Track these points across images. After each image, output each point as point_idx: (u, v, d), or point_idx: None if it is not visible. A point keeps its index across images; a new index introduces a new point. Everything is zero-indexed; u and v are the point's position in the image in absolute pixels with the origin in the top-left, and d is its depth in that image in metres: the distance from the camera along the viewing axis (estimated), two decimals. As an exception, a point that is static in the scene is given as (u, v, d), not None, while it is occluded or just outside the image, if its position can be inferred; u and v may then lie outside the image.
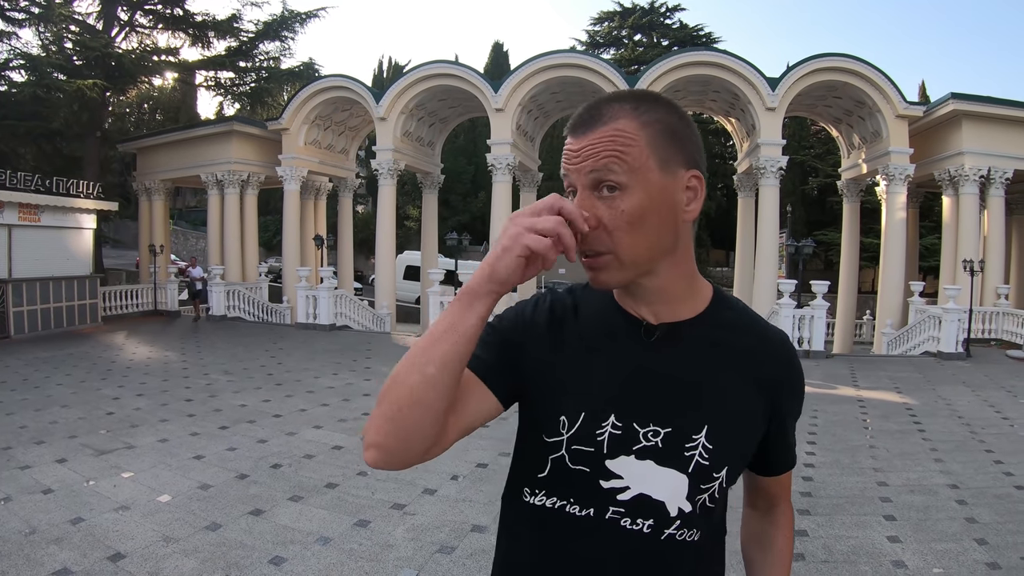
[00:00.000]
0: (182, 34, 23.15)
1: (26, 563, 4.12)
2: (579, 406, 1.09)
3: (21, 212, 14.89)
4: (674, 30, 40.63)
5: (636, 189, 1.00)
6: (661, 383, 1.09)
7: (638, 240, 1.02)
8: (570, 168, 1.04)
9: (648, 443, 1.07)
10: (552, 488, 1.12)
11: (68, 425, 7.59)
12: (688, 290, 1.13)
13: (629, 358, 1.11)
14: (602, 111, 1.03)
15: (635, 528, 1.09)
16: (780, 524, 1.33)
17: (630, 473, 1.08)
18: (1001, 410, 9.21)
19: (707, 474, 1.08)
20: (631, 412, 1.08)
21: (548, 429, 1.10)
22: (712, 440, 1.08)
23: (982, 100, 17.06)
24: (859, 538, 4.77)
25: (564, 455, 1.09)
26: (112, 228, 34.11)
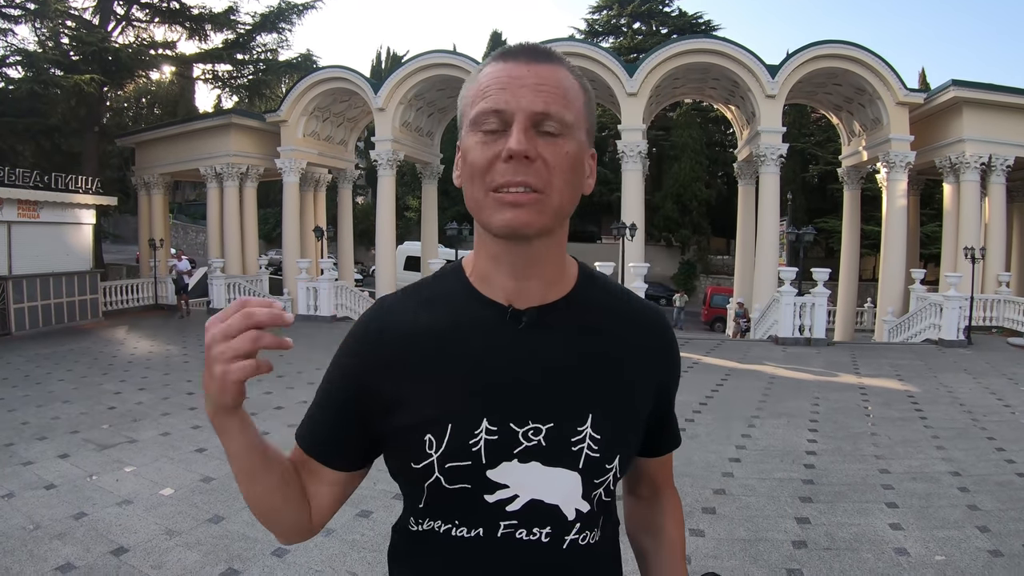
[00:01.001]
0: (179, 27, 23.04)
1: (29, 558, 4.13)
2: (444, 419, 0.96)
3: (20, 209, 14.87)
4: (673, 18, 40.49)
5: (574, 139, 0.93)
6: (534, 375, 0.98)
7: (568, 188, 0.93)
8: (507, 94, 0.91)
9: (530, 443, 0.96)
10: (435, 513, 1.00)
11: (70, 420, 7.60)
12: (559, 267, 1.03)
13: (495, 351, 0.98)
14: (546, 52, 0.95)
15: (532, 539, 0.98)
16: (668, 512, 1.23)
17: (516, 480, 0.97)
18: (1003, 397, 9.21)
19: (599, 467, 0.99)
20: (505, 412, 0.96)
21: (414, 455, 0.97)
22: (599, 430, 0.98)
23: (983, 87, 17.01)
24: (861, 525, 4.78)
25: (439, 477, 0.96)
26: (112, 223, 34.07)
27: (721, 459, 6.36)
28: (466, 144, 0.94)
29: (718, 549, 4.36)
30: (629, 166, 18.58)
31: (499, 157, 0.90)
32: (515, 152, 0.88)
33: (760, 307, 17.90)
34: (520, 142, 0.88)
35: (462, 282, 1.03)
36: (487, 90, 0.92)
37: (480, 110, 0.91)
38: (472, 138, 0.93)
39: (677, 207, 37.00)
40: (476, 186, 0.92)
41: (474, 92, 0.94)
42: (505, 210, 0.90)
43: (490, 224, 0.93)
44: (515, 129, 0.89)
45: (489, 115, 0.91)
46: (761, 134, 17.93)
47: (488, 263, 1.00)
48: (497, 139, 0.90)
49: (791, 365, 11.89)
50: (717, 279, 35.61)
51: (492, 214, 0.92)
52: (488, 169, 0.91)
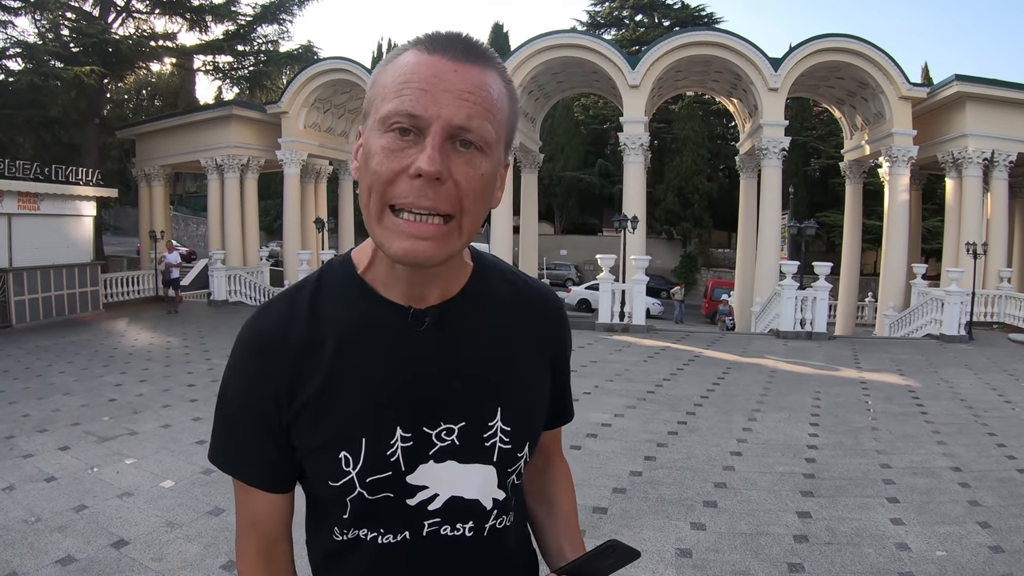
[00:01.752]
0: (179, 19, 22.99)
1: (30, 551, 4.12)
2: (356, 433, 0.93)
3: (21, 201, 14.84)
4: (675, 10, 40.37)
5: (491, 157, 0.86)
6: (440, 376, 0.96)
7: (479, 210, 0.86)
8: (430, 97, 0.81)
9: (444, 443, 0.96)
10: (358, 523, 0.98)
11: (71, 413, 7.59)
12: (457, 263, 0.99)
13: (399, 356, 0.95)
14: (479, 51, 0.86)
15: (456, 534, 1.00)
16: (560, 480, 1.23)
17: (434, 479, 0.97)
18: (1004, 393, 9.20)
19: (511, 457, 1.01)
20: (417, 417, 0.95)
21: (331, 473, 0.94)
22: (509, 421, 0.99)
23: (987, 82, 16.96)
24: (862, 520, 4.77)
25: (361, 492, 0.94)
26: (112, 215, 34.13)
27: (722, 452, 6.36)
28: (370, 144, 0.85)
29: (719, 543, 4.36)
30: (631, 158, 18.55)
31: (406, 171, 0.81)
32: (425, 173, 0.80)
33: (761, 301, 17.89)
34: (433, 161, 0.80)
35: (355, 281, 0.98)
36: (405, 86, 0.82)
37: (393, 109, 0.82)
38: (378, 139, 0.83)
39: (679, 200, 36.96)
40: (374, 199, 0.84)
41: (390, 81, 0.84)
42: (402, 239, 0.83)
43: (385, 248, 0.85)
44: (429, 143, 0.80)
45: (402, 117, 0.81)
46: (763, 127, 17.90)
47: (385, 268, 0.95)
48: (406, 147, 0.82)
49: (792, 359, 11.88)
50: (718, 272, 35.58)
51: (390, 239, 0.84)
52: (392, 182, 0.82)
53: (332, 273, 1.01)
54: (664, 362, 11.32)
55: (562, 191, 41.49)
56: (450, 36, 0.85)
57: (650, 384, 9.33)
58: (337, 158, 24.21)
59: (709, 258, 38.34)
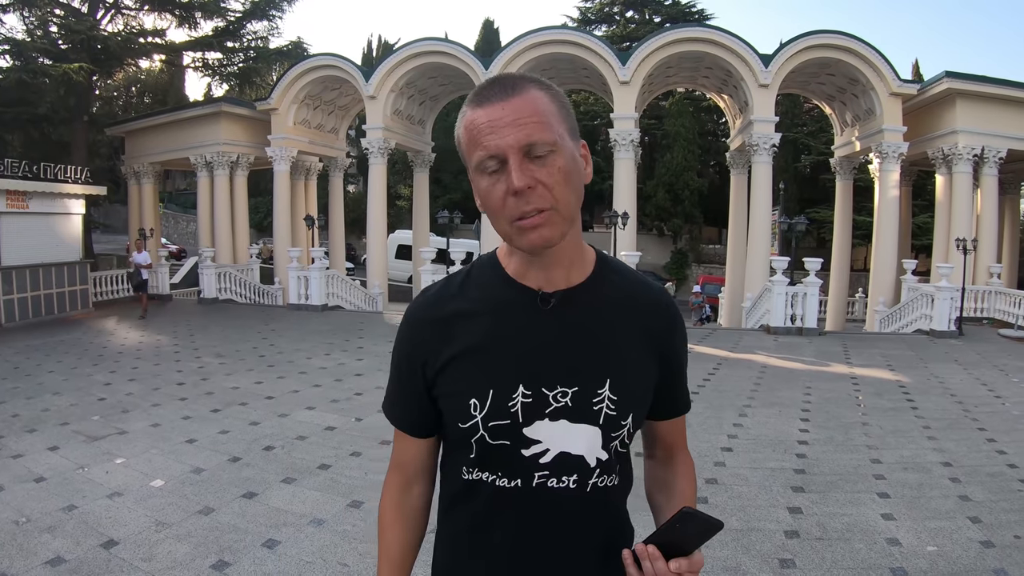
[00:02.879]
0: (168, 15, 22.77)
1: (19, 552, 4.10)
2: (486, 385, 1.17)
3: (9, 199, 14.72)
4: (666, 7, 40.34)
5: (561, 151, 1.09)
6: (561, 347, 1.19)
7: (571, 195, 1.11)
8: (496, 137, 1.07)
9: (558, 404, 1.17)
10: (483, 465, 1.21)
11: (60, 412, 7.55)
12: (579, 255, 1.23)
13: (527, 328, 1.19)
14: (512, 83, 1.11)
15: (562, 486, 1.19)
16: (681, 472, 1.39)
17: (547, 435, 1.17)
18: (994, 388, 9.25)
19: (616, 423, 1.20)
20: (537, 379, 1.17)
21: (462, 416, 1.18)
22: (616, 392, 1.19)
23: (976, 79, 17.01)
24: (853, 515, 4.79)
25: (484, 434, 1.17)
26: (102, 213, 33.85)
27: (713, 448, 6.37)
28: (479, 187, 1.12)
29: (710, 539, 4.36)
30: (621, 154, 18.55)
31: (508, 193, 1.07)
32: (518, 189, 1.06)
33: (752, 296, 17.93)
34: (519, 179, 1.06)
35: (499, 272, 1.24)
36: (479, 137, 1.08)
37: (479, 158, 1.09)
38: (482, 181, 1.11)
39: (669, 196, 36.95)
40: (500, 221, 1.12)
41: (468, 140, 1.11)
42: (528, 234, 1.10)
43: (521, 247, 1.13)
44: (512, 168, 1.06)
45: (487, 160, 1.08)
46: (754, 123, 17.92)
47: (521, 260, 1.21)
48: (500, 177, 1.08)
49: (783, 354, 11.91)
50: (709, 268, 35.66)
51: (520, 240, 1.11)
52: (503, 205, 1.09)
53: (481, 264, 1.29)
54: (656, 358, 11.31)
55: (553, 187, 41.33)
56: (489, 84, 1.12)
57: (642, 380, 9.33)
58: (327, 155, 24.11)
59: (700, 254, 38.38)
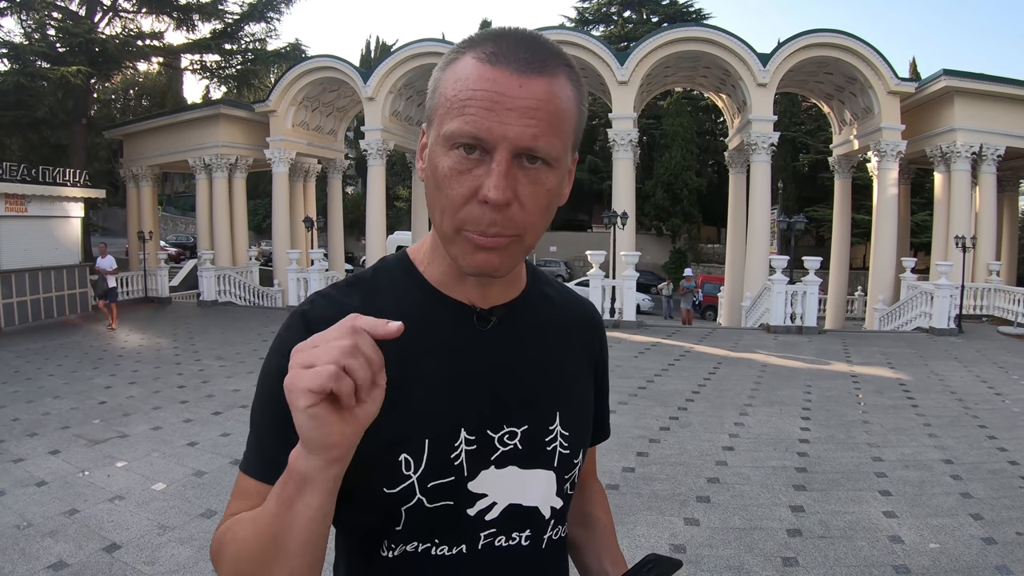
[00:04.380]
0: (166, 17, 22.81)
1: (21, 557, 4.09)
2: (420, 433, 0.88)
3: (8, 203, 14.71)
4: (664, 6, 40.43)
5: (557, 169, 0.84)
6: (504, 377, 0.94)
7: (543, 222, 0.85)
8: (494, 118, 0.78)
9: (506, 448, 0.92)
10: (412, 535, 0.90)
11: (61, 416, 7.54)
12: (518, 269, 0.99)
13: (463, 354, 0.92)
14: (543, 53, 0.82)
15: (512, 544, 0.94)
16: (596, 502, 1.20)
17: (494, 486, 0.92)
18: (994, 386, 9.25)
19: (569, 463, 0.98)
20: (481, 419, 0.91)
21: (387, 479, 0.87)
22: (567, 426, 0.97)
23: (974, 77, 17.04)
24: (855, 513, 4.79)
25: (421, 499, 0.88)
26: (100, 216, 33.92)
27: (715, 447, 6.37)
28: (438, 161, 0.83)
29: (713, 538, 4.37)
30: (620, 154, 18.56)
31: (475, 195, 0.80)
32: (493, 202, 0.79)
33: (751, 295, 17.94)
34: (499, 189, 0.78)
35: (417, 280, 0.95)
36: (468, 103, 0.79)
37: (457, 130, 0.79)
38: (444, 158, 0.82)
39: (668, 196, 36.99)
40: (446, 217, 0.83)
41: (453, 95, 0.81)
42: (475, 254, 0.83)
43: (459, 262, 0.86)
44: (495, 169, 0.79)
45: (467, 137, 0.79)
46: (752, 122, 17.93)
47: (450, 270, 0.93)
48: (473, 167, 0.80)
49: (783, 353, 11.92)
50: (708, 267, 35.66)
51: (462, 255, 0.84)
52: (462, 206, 0.81)
53: (389, 268, 0.99)
54: (655, 357, 11.33)
55: (551, 187, 41.37)
56: (514, 42, 0.81)
57: (641, 380, 9.34)
58: (326, 156, 24.14)
59: (699, 253, 38.40)
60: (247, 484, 0.89)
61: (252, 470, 0.89)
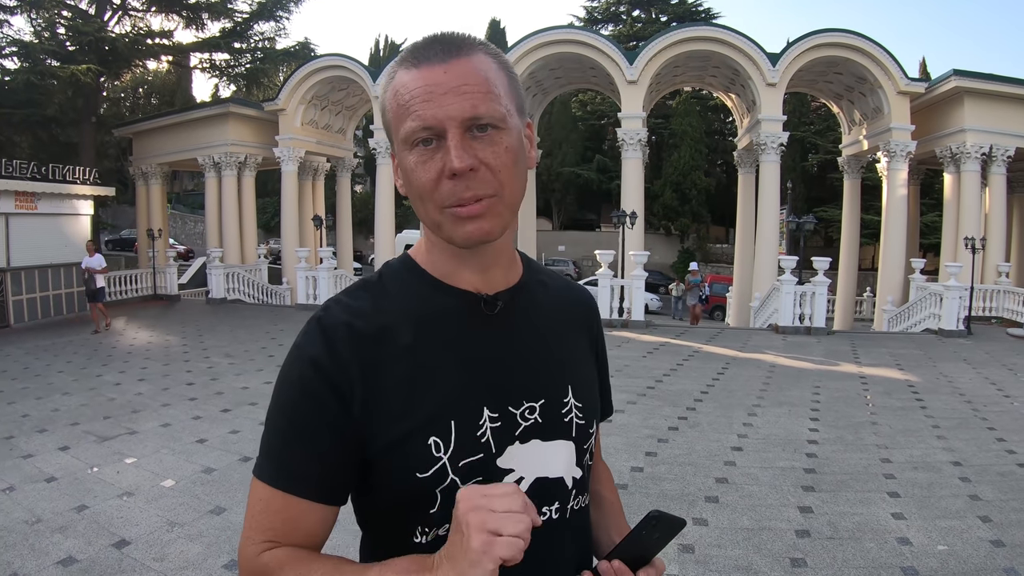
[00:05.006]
0: (176, 16, 22.92)
1: (31, 552, 4.12)
2: (445, 416, 0.93)
3: (18, 200, 14.79)
4: (673, 6, 40.35)
5: (509, 128, 0.91)
6: (517, 356, 1.01)
7: (517, 180, 0.93)
8: (433, 106, 0.87)
9: (528, 422, 0.98)
10: (446, 517, 0.91)
11: (70, 412, 7.59)
12: (513, 253, 1.07)
13: (475, 339, 0.99)
14: (456, 43, 0.91)
15: (544, 518, 0.99)
16: (603, 481, 1.26)
17: (520, 461, 0.97)
18: (1003, 388, 9.21)
19: (585, 433, 1.06)
20: (501, 397, 0.97)
21: (419, 464, 0.91)
22: (579, 398, 1.05)
23: (985, 77, 16.94)
24: (864, 515, 4.78)
25: (454, 479, 0.92)
26: (110, 214, 34.07)
27: (723, 448, 6.36)
28: (404, 163, 0.92)
29: (721, 538, 4.36)
30: (629, 154, 18.53)
31: (442, 174, 0.88)
32: (458, 170, 0.86)
33: (760, 296, 17.90)
34: (461, 159, 0.86)
35: (421, 276, 1.02)
36: (410, 105, 0.88)
37: (409, 128, 0.89)
38: (409, 157, 0.90)
39: (676, 195, 36.95)
40: (428, 206, 0.91)
41: (395, 106, 0.91)
42: (465, 224, 0.90)
43: (453, 239, 0.92)
44: (451, 144, 0.87)
45: (419, 132, 0.88)
46: (761, 122, 17.88)
47: (450, 260, 1.00)
48: (434, 153, 0.88)
49: (792, 354, 11.88)
50: (716, 268, 35.59)
51: (453, 230, 0.91)
52: (435, 188, 0.89)
53: (393, 269, 1.06)
54: (664, 357, 11.32)
55: (560, 187, 41.46)
56: (428, 42, 0.92)
57: (650, 380, 9.33)
58: (335, 155, 24.17)
59: (707, 253, 38.33)
60: (264, 493, 0.95)
61: (266, 476, 0.95)
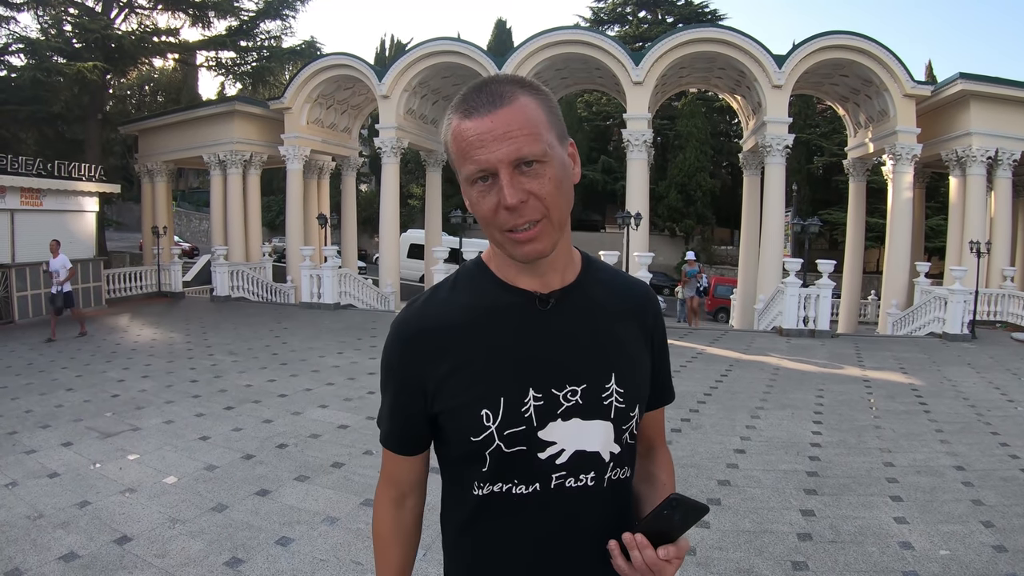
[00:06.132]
0: (182, 14, 22.91)
1: (33, 548, 4.13)
2: (496, 393, 1.16)
3: (23, 196, 14.85)
4: (679, 7, 40.32)
5: (551, 159, 1.10)
6: (564, 345, 1.20)
7: (562, 200, 1.12)
8: (485, 151, 1.07)
9: (569, 403, 1.18)
10: (496, 476, 1.19)
11: (73, 408, 7.61)
12: (568, 257, 1.25)
13: (528, 330, 1.20)
14: (500, 91, 1.10)
15: (580, 484, 1.20)
16: (662, 464, 1.42)
17: (562, 435, 1.18)
18: (1007, 392, 9.18)
19: (625, 415, 1.22)
20: (546, 380, 1.17)
21: (473, 429, 1.17)
22: (622, 384, 1.22)
23: (991, 81, 16.87)
24: (866, 519, 4.76)
25: (499, 444, 1.16)
26: (115, 211, 34.12)
27: (726, 450, 6.35)
28: (469, 196, 1.13)
29: (723, 541, 4.36)
30: (634, 155, 18.51)
31: (499, 206, 1.08)
32: (510, 206, 1.07)
33: (764, 298, 17.86)
34: (512, 195, 1.07)
35: (489, 277, 1.24)
36: (467, 151, 1.08)
37: (469, 172, 1.09)
38: (472, 191, 1.11)
39: (681, 197, 36.91)
40: (491, 230, 1.13)
41: (457, 151, 1.11)
42: (522, 246, 1.11)
43: (514, 257, 1.15)
44: (503, 183, 1.07)
45: (478, 173, 1.09)
46: (767, 124, 17.84)
47: (512, 266, 1.21)
48: (491, 188, 1.09)
49: (795, 356, 11.86)
50: (721, 269, 35.55)
51: (513, 250, 1.13)
52: (494, 216, 1.10)
53: (468, 270, 1.29)
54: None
55: (565, 187, 41.34)
56: (477, 93, 1.10)
57: (653, 381, 9.29)
58: (340, 154, 24.18)
59: (712, 255, 38.29)
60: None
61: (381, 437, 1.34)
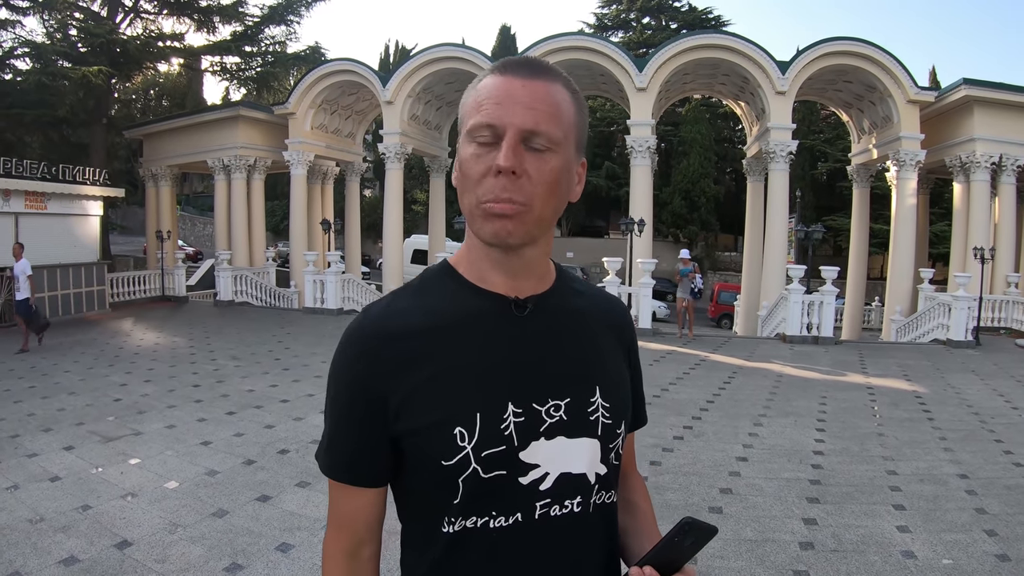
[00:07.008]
0: (187, 19, 23.05)
1: (33, 551, 4.13)
2: (471, 409, 1.00)
3: (28, 200, 14.87)
4: (683, 13, 40.41)
5: (561, 154, 1.00)
6: (544, 356, 1.07)
7: (551, 201, 1.01)
8: (501, 109, 0.97)
9: (552, 419, 1.04)
10: (470, 508, 1.02)
11: (75, 412, 7.61)
12: (546, 267, 1.14)
13: (504, 338, 1.06)
14: (544, 68, 1.03)
15: (565, 511, 1.06)
16: (637, 489, 1.32)
17: (545, 457, 1.03)
18: (1011, 399, 9.14)
19: (612, 432, 1.10)
20: (526, 393, 1.03)
21: (445, 452, 0.99)
22: (607, 398, 1.10)
23: (995, 86, 16.88)
24: (869, 527, 4.74)
25: (476, 468, 0.99)
26: (119, 215, 34.26)
27: (728, 458, 6.33)
28: (462, 153, 1.01)
29: (724, 549, 4.34)
30: (638, 161, 18.52)
31: (490, 171, 0.97)
32: (503, 168, 0.96)
33: (768, 304, 17.83)
34: (508, 159, 0.95)
35: (457, 279, 1.10)
36: (484, 103, 0.99)
37: (475, 123, 0.99)
38: (468, 148, 1.00)
39: (685, 203, 36.92)
40: (468, 196, 1.01)
41: (472, 102, 1.01)
42: (493, 221, 0.99)
43: (480, 233, 1.01)
44: (505, 144, 0.96)
45: (483, 128, 0.98)
46: (771, 130, 17.84)
47: (485, 264, 1.08)
48: (489, 151, 0.98)
49: (799, 364, 11.83)
50: (724, 276, 35.50)
51: (482, 224, 1.00)
52: (479, 181, 0.98)
53: (433, 274, 1.14)
54: (670, 366, 11.29)
55: (568, 193, 41.40)
56: (520, 59, 1.03)
57: (656, 388, 9.30)
58: (344, 159, 24.24)
59: (715, 261, 38.24)
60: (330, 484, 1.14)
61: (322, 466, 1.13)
